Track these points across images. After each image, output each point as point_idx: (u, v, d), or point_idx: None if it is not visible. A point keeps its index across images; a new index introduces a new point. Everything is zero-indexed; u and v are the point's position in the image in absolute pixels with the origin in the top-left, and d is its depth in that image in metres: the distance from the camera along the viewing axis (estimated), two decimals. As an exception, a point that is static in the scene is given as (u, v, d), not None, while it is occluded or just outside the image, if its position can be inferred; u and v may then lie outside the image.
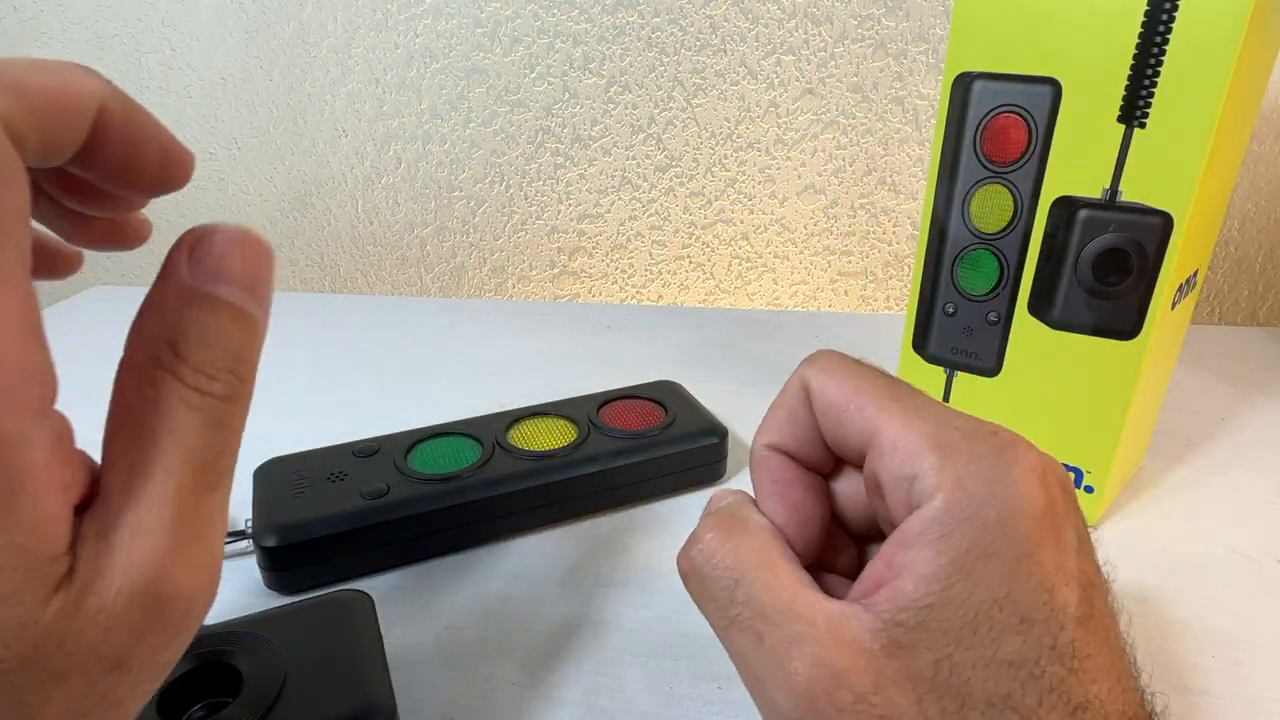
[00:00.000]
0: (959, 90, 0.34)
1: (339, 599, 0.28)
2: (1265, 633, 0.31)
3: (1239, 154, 0.35)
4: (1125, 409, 0.34)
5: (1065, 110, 0.32)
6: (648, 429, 0.39)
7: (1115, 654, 0.18)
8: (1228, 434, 0.44)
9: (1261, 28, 0.29)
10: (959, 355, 0.38)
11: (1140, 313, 0.32)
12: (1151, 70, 0.29)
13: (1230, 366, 0.51)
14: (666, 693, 0.29)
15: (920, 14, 0.58)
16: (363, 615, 0.28)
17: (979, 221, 0.35)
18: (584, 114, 0.65)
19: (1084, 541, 0.19)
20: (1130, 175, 0.31)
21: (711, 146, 0.65)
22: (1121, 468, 0.37)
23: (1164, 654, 0.30)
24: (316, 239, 0.75)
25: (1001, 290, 0.35)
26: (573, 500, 0.37)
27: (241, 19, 0.67)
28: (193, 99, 0.71)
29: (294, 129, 0.70)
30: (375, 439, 0.38)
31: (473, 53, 0.65)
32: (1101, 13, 0.30)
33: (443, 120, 0.68)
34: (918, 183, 0.63)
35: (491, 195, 0.70)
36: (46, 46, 0.70)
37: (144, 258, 0.79)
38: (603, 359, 0.55)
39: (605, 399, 0.42)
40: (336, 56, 0.67)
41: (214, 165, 0.73)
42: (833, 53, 0.60)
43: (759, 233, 0.67)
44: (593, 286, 0.72)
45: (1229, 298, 0.64)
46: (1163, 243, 0.31)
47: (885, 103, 0.61)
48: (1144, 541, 0.36)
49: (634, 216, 0.68)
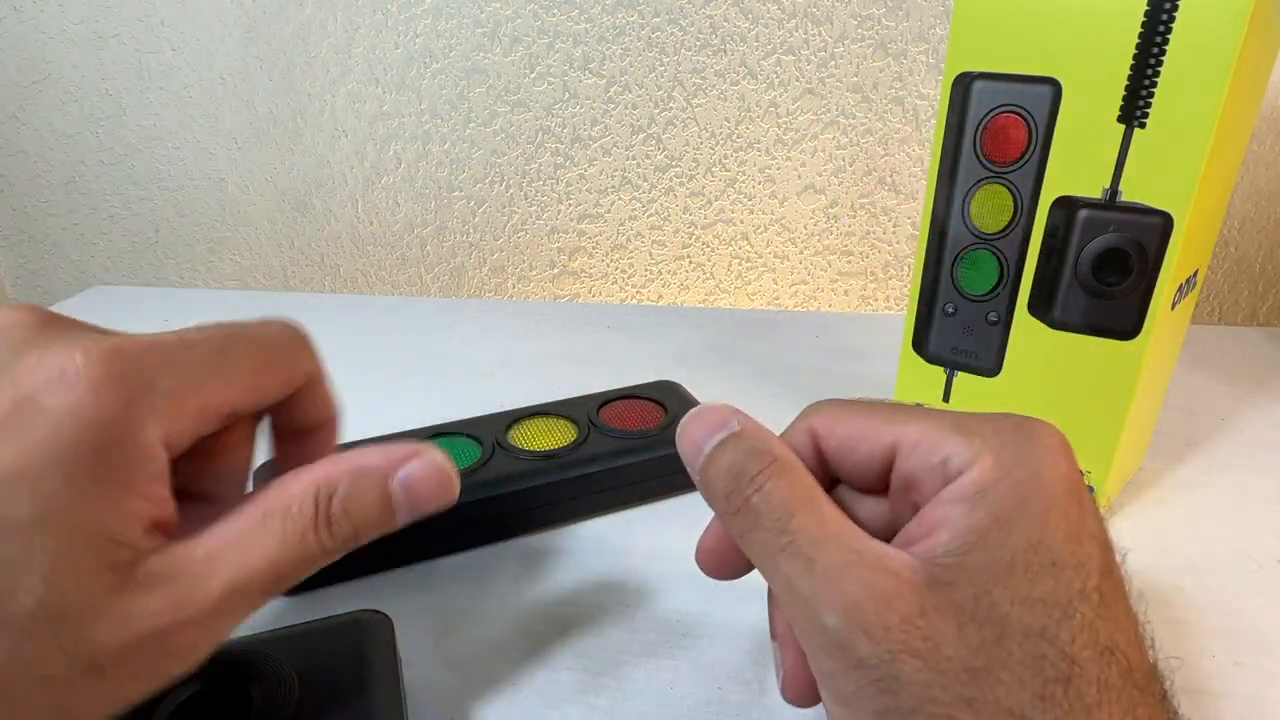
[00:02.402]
0: (959, 90, 0.34)
1: (357, 621, 0.28)
2: (1266, 632, 0.31)
3: (1239, 154, 0.35)
4: (1125, 409, 0.34)
5: (1065, 110, 0.32)
6: (648, 429, 0.39)
7: (1132, 613, 0.19)
8: (1228, 434, 0.44)
9: (1261, 28, 0.29)
10: (959, 355, 0.38)
11: (1140, 313, 0.32)
12: (1151, 70, 0.29)
13: (1230, 366, 0.51)
14: (666, 693, 0.29)
15: (920, 14, 0.58)
16: (380, 640, 0.27)
17: (979, 221, 0.35)
18: (584, 114, 0.65)
19: (1096, 508, 0.20)
20: (1130, 175, 0.31)
21: (711, 146, 0.65)
22: (1121, 468, 0.37)
23: (1164, 653, 0.30)
24: (316, 239, 0.75)
25: (1001, 290, 0.35)
26: (573, 500, 0.37)
27: (241, 19, 0.67)
28: (193, 99, 0.71)
29: (294, 129, 0.70)
30: (374, 439, 0.38)
31: (473, 53, 0.65)
32: (1101, 13, 0.30)
33: (443, 120, 0.68)
34: (918, 183, 0.63)
35: (491, 195, 0.70)
36: (46, 46, 0.70)
37: (144, 258, 0.79)
38: (603, 359, 0.55)
39: (605, 399, 0.42)
40: (336, 56, 0.67)
41: (214, 165, 0.73)
42: (833, 53, 0.60)
43: (759, 233, 0.67)
44: (593, 286, 0.72)
45: (1229, 298, 0.65)
46: (1163, 243, 0.31)
47: (885, 103, 0.61)
48: (1144, 541, 0.36)
49: (634, 216, 0.68)
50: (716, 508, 0.22)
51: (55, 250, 0.80)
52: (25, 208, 0.78)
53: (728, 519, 0.21)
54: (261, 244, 0.76)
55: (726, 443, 0.22)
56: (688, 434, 0.23)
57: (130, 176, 0.75)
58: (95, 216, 0.78)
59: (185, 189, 0.75)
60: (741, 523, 0.21)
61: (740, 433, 0.22)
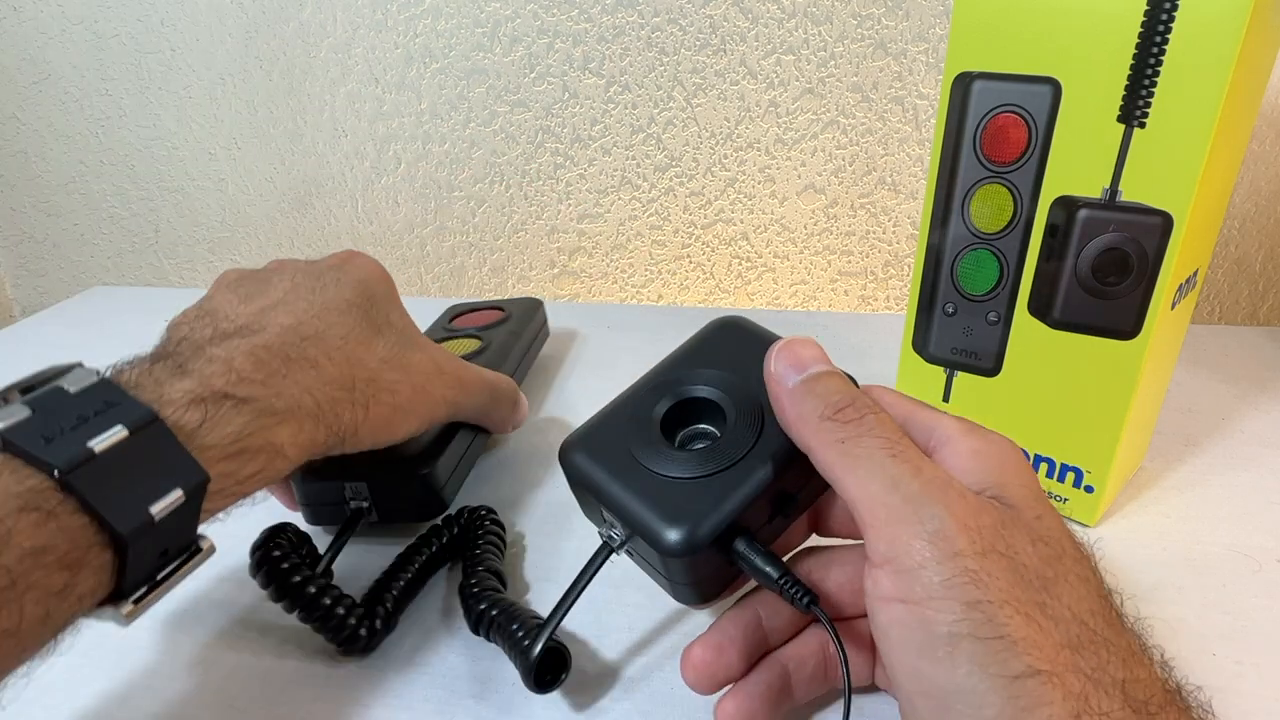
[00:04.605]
0: (959, 90, 0.34)
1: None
2: (1265, 632, 0.31)
3: (1239, 154, 0.35)
4: (1125, 409, 0.34)
5: (1065, 110, 0.32)
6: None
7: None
8: (1228, 434, 0.44)
9: (1261, 28, 0.29)
10: (959, 355, 0.38)
11: (1140, 313, 0.32)
12: (1151, 70, 0.29)
13: (1230, 366, 0.51)
14: (666, 693, 0.29)
15: (920, 14, 0.58)
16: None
17: (979, 221, 0.35)
18: (584, 114, 0.65)
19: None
20: (1130, 175, 0.31)
21: (711, 146, 0.65)
22: (1121, 468, 0.37)
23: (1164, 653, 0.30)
24: (316, 239, 0.75)
25: (1001, 290, 0.35)
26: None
27: (241, 19, 0.67)
28: (193, 99, 0.71)
29: (294, 129, 0.70)
30: None
31: (473, 53, 0.65)
32: (1101, 13, 0.30)
33: (443, 120, 0.68)
34: (918, 183, 0.63)
35: (491, 195, 0.70)
36: (46, 46, 0.70)
37: (144, 258, 0.79)
38: (603, 359, 0.55)
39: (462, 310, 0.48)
40: (336, 56, 0.67)
41: (214, 165, 0.73)
42: (833, 53, 0.60)
43: (759, 232, 0.67)
44: (593, 286, 0.72)
45: (1229, 298, 0.65)
46: (1163, 243, 0.31)
47: (885, 103, 0.61)
48: (1144, 541, 0.36)
49: (634, 216, 0.68)
50: (819, 412, 0.24)
51: (55, 250, 0.80)
52: (25, 208, 0.78)
53: (831, 425, 0.23)
54: (261, 244, 0.76)
55: (835, 373, 0.25)
56: (794, 351, 0.25)
57: (130, 176, 0.75)
58: (95, 216, 0.78)
59: (185, 189, 0.75)
60: (851, 429, 0.23)
61: (841, 372, 0.25)
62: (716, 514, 0.25)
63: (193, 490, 0.23)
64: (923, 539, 0.20)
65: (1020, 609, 0.20)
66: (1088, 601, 0.21)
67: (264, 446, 0.25)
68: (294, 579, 0.30)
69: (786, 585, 0.25)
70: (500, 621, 0.29)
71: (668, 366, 0.30)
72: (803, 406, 0.24)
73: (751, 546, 0.25)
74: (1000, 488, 0.22)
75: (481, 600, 0.30)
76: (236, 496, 0.25)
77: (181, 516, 0.23)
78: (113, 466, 0.21)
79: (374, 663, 0.31)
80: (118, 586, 0.22)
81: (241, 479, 0.25)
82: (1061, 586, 0.21)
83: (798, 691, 0.27)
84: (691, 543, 0.24)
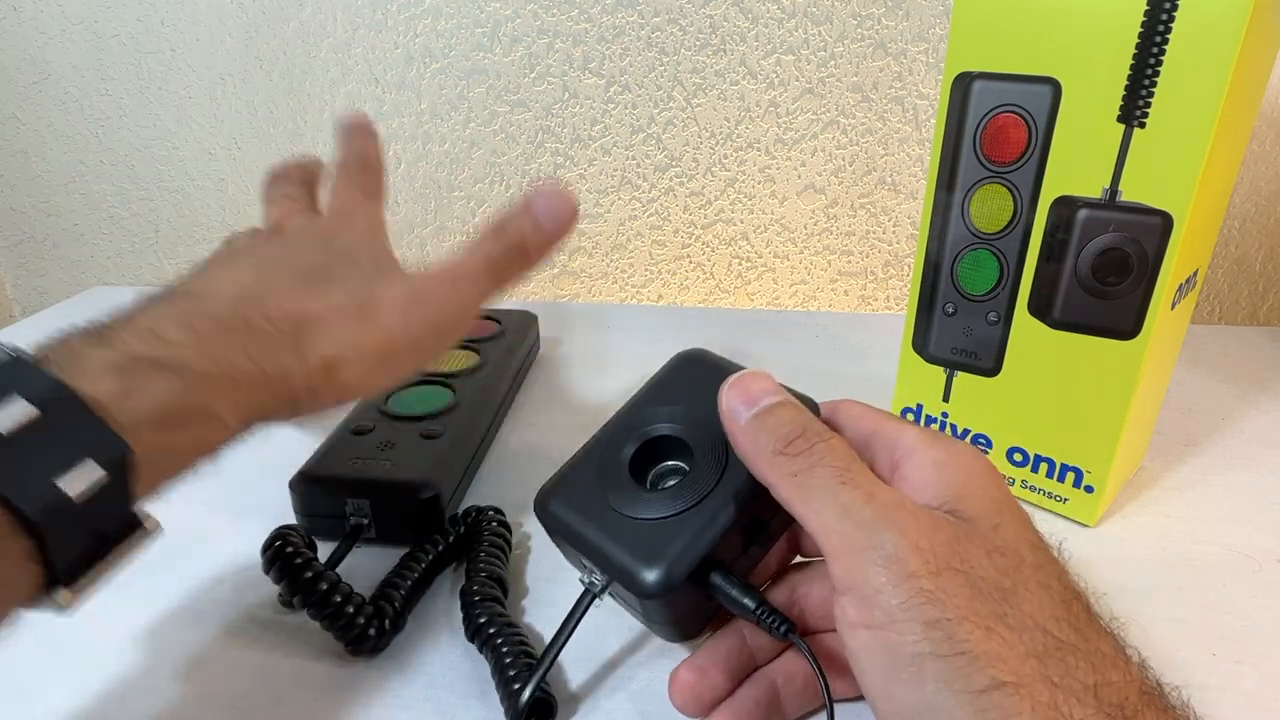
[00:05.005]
0: (959, 90, 0.34)
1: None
2: (1265, 632, 0.31)
3: (1239, 154, 0.35)
4: (1125, 409, 0.34)
5: (1065, 110, 0.32)
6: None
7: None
8: (1228, 434, 0.44)
9: (1261, 28, 0.29)
10: (959, 355, 0.38)
11: (1140, 313, 0.32)
12: (1151, 70, 0.29)
13: (1230, 366, 0.51)
14: (665, 693, 0.29)
15: (920, 14, 0.58)
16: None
17: (979, 221, 0.35)
18: (584, 114, 0.65)
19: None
20: (1130, 175, 0.31)
21: (711, 146, 0.65)
22: (1121, 468, 0.37)
23: (1164, 652, 0.30)
24: (316, 239, 0.75)
25: (1001, 290, 0.35)
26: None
27: (241, 19, 0.67)
28: (193, 99, 0.71)
29: (294, 129, 0.70)
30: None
31: (473, 53, 0.65)
32: (1101, 13, 0.30)
33: (443, 120, 0.68)
34: (918, 183, 0.63)
35: (491, 195, 0.70)
36: (46, 46, 0.70)
37: (144, 258, 0.79)
38: (603, 359, 0.55)
39: None
40: (336, 56, 0.67)
41: (214, 165, 0.73)
42: (833, 52, 0.60)
43: (759, 232, 0.67)
44: (593, 286, 0.72)
45: (1229, 298, 0.65)
46: (1163, 243, 0.31)
47: (885, 103, 0.61)
48: (1144, 541, 0.36)
49: (634, 216, 0.68)
50: (771, 447, 0.24)
51: (55, 250, 0.80)
52: (25, 208, 0.78)
53: (783, 459, 0.24)
54: (261, 244, 0.76)
55: (786, 404, 0.25)
56: (745, 386, 0.25)
57: (130, 176, 0.75)
58: (95, 216, 0.78)
59: (185, 189, 0.75)
60: (802, 461, 0.23)
61: (792, 401, 0.25)
62: (689, 552, 0.25)
63: (114, 464, 0.21)
64: (877, 564, 0.21)
65: (980, 623, 0.20)
66: (1050, 608, 0.21)
67: (198, 414, 0.23)
68: (306, 574, 0.30)
69: (764, 615, 0.25)
70: (494, 645, 0.29)
71: (632, 407, 0.30)
72: (756, 442, 0.24)
73: (727, 579, 0.25)
74: (959, 500, 0.23)
75: (480, 614, 0.30)
76: (174, 469, 0.23)
77: (108, 493, 0.21)
78: (16, 443, 0.20)
79: (374, 663, 0.31)
80: (50, 574, 0.20)
81: (175, 450, 0.23)
82: (1022, 595, 0.21)
83: (788, 706, 0.27)
84: (668, 583, 0.24)
